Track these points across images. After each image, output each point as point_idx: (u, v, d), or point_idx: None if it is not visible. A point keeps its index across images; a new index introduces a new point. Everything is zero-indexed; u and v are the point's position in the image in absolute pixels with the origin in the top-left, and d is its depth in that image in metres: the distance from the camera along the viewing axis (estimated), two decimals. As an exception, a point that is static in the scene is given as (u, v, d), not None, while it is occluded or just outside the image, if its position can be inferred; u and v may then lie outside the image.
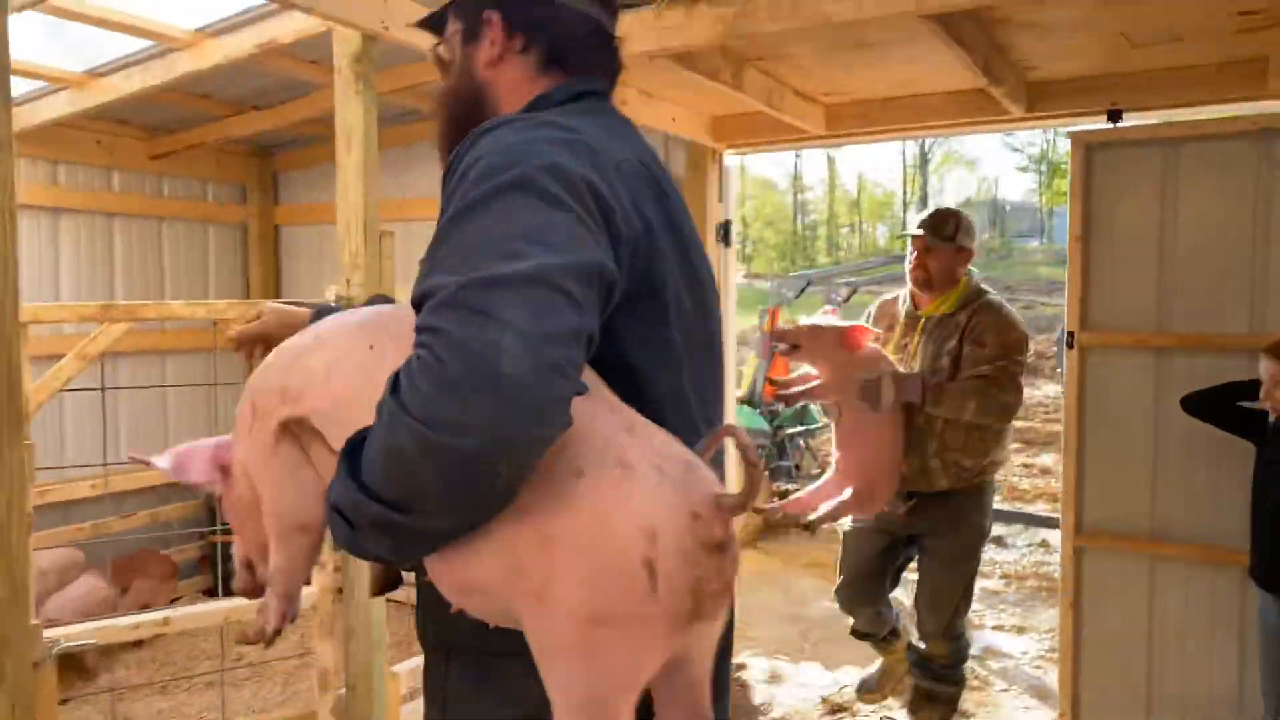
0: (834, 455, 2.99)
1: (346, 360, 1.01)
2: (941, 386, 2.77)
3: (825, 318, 2.94)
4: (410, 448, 0.80)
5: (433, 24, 1.23)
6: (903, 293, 3.10)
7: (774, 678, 3.98)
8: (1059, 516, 3.35)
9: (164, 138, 4.69)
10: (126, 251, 4.68)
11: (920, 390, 2.75)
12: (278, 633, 1.15)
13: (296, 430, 1.05)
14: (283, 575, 1.12)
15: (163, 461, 1.14)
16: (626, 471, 0.84)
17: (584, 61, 1.16)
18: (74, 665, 3.67)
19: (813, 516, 2.89)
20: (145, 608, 4.04)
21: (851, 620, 3.33)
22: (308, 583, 2.00)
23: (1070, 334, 3.20)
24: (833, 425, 2.95)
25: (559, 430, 0.82)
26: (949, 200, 39.55)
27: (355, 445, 0.87)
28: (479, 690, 1.07)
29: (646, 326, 1.02)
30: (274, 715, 3.33)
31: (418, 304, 0.87)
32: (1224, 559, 2.98)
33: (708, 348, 1.16)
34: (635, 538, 0.81)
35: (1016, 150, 37.13)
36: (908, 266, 2.99)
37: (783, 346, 2.78)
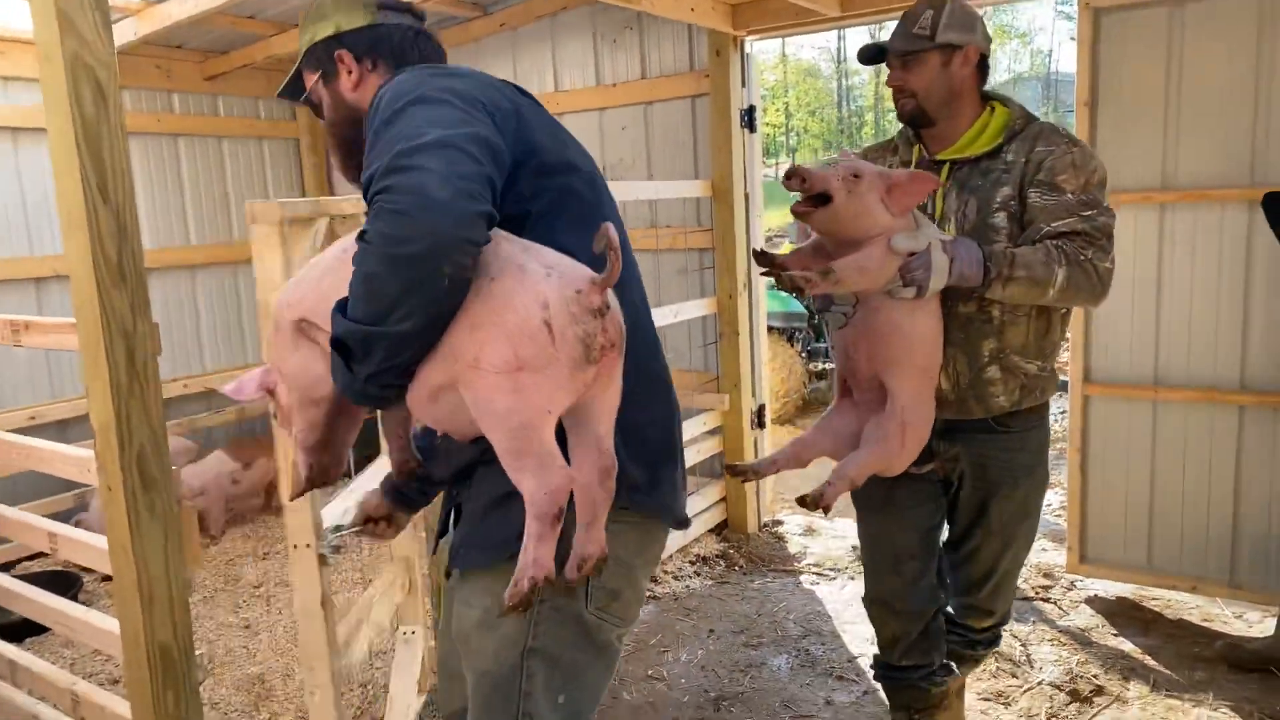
0: (835, 381, 2.05)
1: (329, 267, 1.33)
2: (1012, 255, 1.83)
3: (854, 160, 1.84)
4: (376, 267, 1.10)
5: (292, 90, 1.59)
6: (900, 136, 2.16)
7: (809, 531, 4.31)
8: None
9: (216, 59, 4.96)
10: (192, 169, 5.00)
11: (981, 263, 1.82)
12: (311, 483, 1.46)
13: (308, 330, 1.34)
14: (303, 434, 1.44)
15: (228, 388, 1.46)
16: (523, 270, 1.15)
17: (417, 56, 1.52)
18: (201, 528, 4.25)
19: (810, 494, 1.83)
20: (271, 485, 4.55)
21: (883, 647, 2.27)
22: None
23: (1078, 197, 3.36)
24: (831, 330, 1.98)
25: (478, 236, 1.11)
26: (1000, 77, 38.05)
27: (341, 303, 1.18)
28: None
29: (533, 179, 1.31)
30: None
31: (366, 190, 1.16)
32: (1222, 398, 3.21)
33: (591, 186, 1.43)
34: (534, 308, 1.12)
35: (1071, 19, 35.34)
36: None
37: (799, 200, 1.76)
